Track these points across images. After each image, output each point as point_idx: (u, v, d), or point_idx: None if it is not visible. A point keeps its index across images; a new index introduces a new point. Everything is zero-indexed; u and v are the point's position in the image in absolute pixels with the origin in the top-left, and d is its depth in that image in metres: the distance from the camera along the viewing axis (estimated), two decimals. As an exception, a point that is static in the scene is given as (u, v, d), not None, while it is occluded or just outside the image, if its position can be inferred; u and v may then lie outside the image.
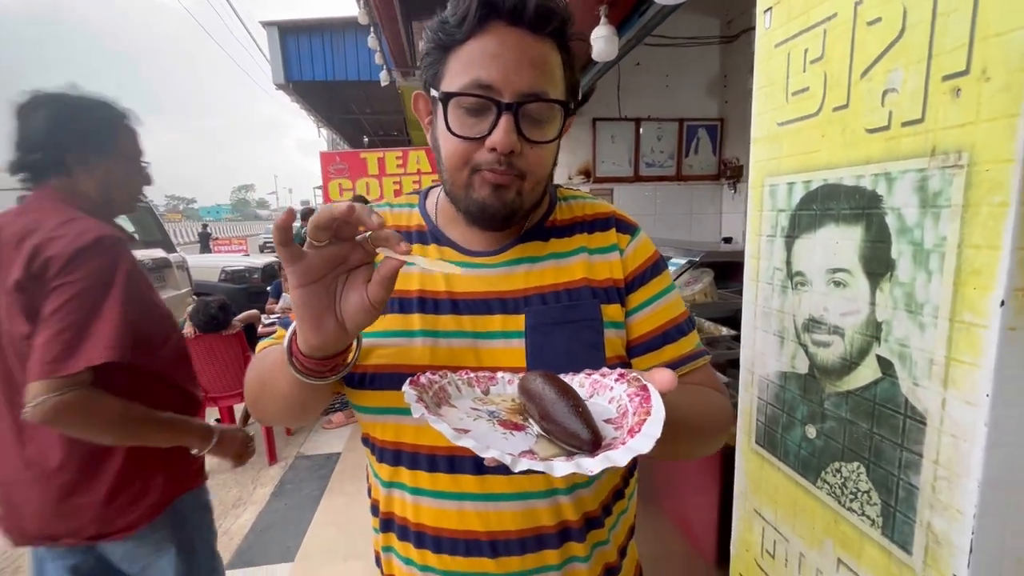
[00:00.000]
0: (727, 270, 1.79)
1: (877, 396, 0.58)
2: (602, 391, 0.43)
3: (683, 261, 1.59)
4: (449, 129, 0.51)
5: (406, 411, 0.39)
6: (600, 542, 0.59)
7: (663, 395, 0.37)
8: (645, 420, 0.35)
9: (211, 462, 2.98)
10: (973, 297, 0.47)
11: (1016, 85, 0.43)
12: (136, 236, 4.27)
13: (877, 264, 0.57)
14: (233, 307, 2.97)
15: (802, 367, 0.71)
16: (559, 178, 3.85)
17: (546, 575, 0.56)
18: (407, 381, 0.41)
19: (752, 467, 0.84)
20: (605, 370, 0.44)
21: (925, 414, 0.52)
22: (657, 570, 1.56)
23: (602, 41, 1.88)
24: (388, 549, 0.60)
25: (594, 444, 0.34)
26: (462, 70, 0.50)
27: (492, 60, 0.49)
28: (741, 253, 0.87)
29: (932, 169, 0.50)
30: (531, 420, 0.39)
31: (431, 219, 0.63)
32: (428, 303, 0.57)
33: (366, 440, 0.60)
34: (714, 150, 3.83)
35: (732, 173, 3.69)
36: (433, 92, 0.54)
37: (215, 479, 2.93)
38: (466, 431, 0.36)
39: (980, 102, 0.46)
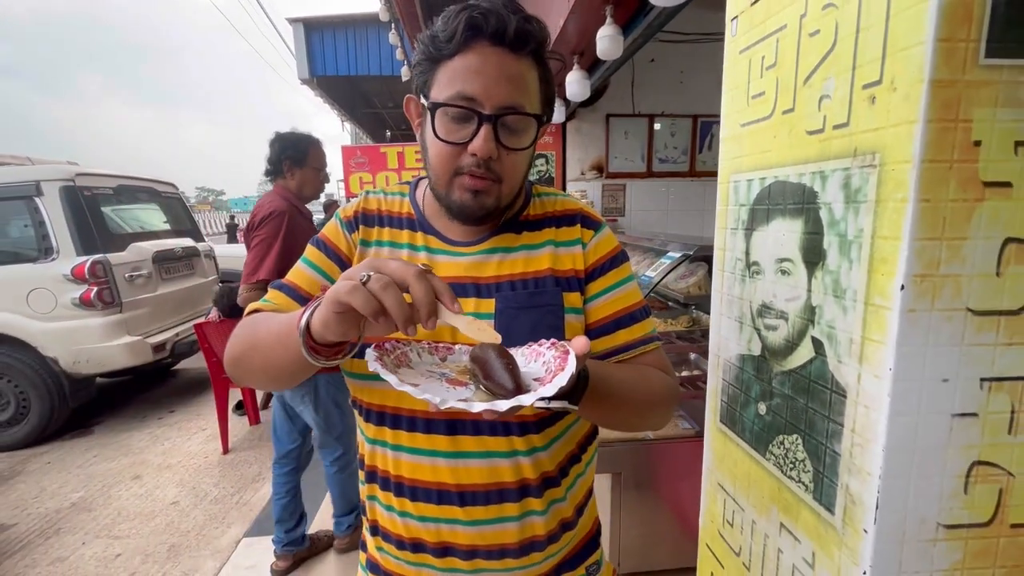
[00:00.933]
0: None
1: (811, 373, 0.64)
2: (537, 358, 0.51)
3: (678, 254, 1.64)
4: (436, 135, 0.59)
5: None
6: (556, 500, 0.67)
7: (580, 357, 0.45)
8: (557, 374, 0.42)
9: (234, 440, 3.15)
10: (881, 282, 0.53)
11: (914, 95, 0.48)
12: (169, 225, 4.48)
13: (813, 254, 0.63)
14: (256, 294, 3.12)
15: (756, 349, 0.77)
16: (572, 172, 3.90)
17: (506, 524, 0.64)
18: (372, 345, 0.49)
19: (717, 444, 0.90)
20: (543, 340, 0.52)
21: (846, 388, 0.58)
22: (648, 549, 1.63)
23: (607, 40, 1.93)
24: (372, 498, 0.69)
25: (515, 392, 0.42)
26: (448, 82, 0.58)
27: (475, 75, 0.57)
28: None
29: (854, 168, 0.56)
30: (475, 379, 0.47)
31: (419, 209, 0.71)
32: None
33: (355, 402, 0.69)
34: (729, 146, 3.81)
35: (746, 169, 3.68)
36: (423, 100, 0.62)
37: (237, 456, 3.10)
38: (415, 385, 0.45)
39: (889, 109, 0.51)
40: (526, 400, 0.39)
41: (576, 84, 2.66)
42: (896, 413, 0.53)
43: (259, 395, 3.67)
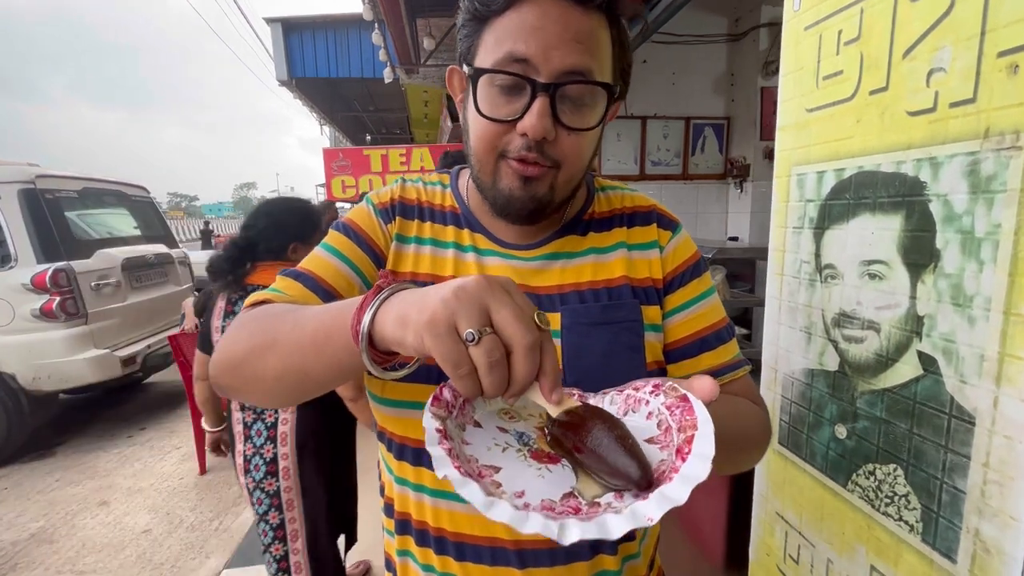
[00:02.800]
0: (737, 268, 1.76)
1: (918, 394, 0.55)
2: (638, 407, 0.38)
3: (694, 258, 1.56)
4: (478, 109, 0.47)
5: None
6: (631, 555, 0.55)
7: (706, 405, 0.34)
8: (692, 437, 0.31)
9: (212, 459, 2.96)
10: (1032, 288, 0.44)
11: (1086, 58, 0.39)
12: (139, 230, 4.25)
13: (919, 255, 0.54)
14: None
15: (831, 364, 0.68)
16: (564, 176, 3.83)
17: None
18: (429, 400, 0.36)
19: (775, 468, 0.81)
20: (637, 383, 0.40)
21: (974, 413, 0.49)
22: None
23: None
24: (404, 553, 0.56)
25: (646, 482, 0.30)
26: (497, 43, 0.46)
27: (531, 33, 0.45)
28: (751, 251, 0.84)
29: (985, 152, 0.47)
30: (569, 457, 0.35)
31: (464, 202, 0.59)
32: None
33: (382, 435, 0.56)
34: (720, 149, 3.80)
35: (738, 172, 3.66)
36: (465, 68, 0.50)
37: (215, 476, 2.90)
38: (496, 469, 0.34)
39: (1042, 78, 0.42)
40: (678, 495, 0.28)
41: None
42: (1052, 446, 0.44)
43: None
